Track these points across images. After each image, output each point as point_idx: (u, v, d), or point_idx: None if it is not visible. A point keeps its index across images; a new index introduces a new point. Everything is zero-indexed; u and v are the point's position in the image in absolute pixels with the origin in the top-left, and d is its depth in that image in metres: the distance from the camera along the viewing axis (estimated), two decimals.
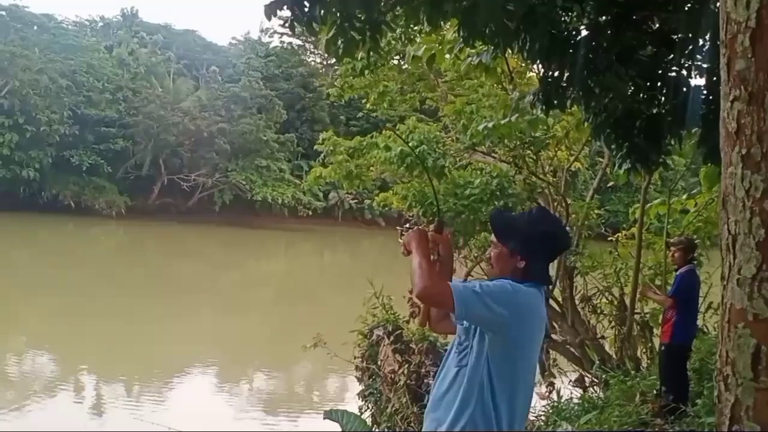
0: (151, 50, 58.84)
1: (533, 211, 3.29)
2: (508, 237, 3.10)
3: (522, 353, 2.99)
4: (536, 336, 3.06)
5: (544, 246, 3.11)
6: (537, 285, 3.06)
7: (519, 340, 2.94)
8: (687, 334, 7.74)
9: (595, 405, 8.16)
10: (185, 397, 14.27)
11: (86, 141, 51.35)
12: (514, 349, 2.93)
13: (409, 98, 12.95)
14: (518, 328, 2.92)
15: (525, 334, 2.97)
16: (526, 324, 2.97)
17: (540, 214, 3.28)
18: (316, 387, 16.30)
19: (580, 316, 11.03)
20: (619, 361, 10.27)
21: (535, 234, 3.07)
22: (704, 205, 10.75)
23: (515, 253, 3.05)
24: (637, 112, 5.30)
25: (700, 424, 6.24)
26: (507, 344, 2.91)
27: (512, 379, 2.95)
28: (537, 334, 3.06)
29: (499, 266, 3.11)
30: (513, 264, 3.05)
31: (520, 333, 2.94)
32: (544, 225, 3.15)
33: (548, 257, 3.22)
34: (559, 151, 11.26)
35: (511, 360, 2.94)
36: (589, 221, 11.20)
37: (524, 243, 3.05)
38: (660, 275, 10.39)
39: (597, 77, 5.19)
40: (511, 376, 2.95)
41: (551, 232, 3.17)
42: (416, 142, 10.49)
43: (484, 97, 10.35)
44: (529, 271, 3.04)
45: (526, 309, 2.96)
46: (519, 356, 2.97)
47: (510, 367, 2.94)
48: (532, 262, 3.05)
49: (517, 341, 2.94)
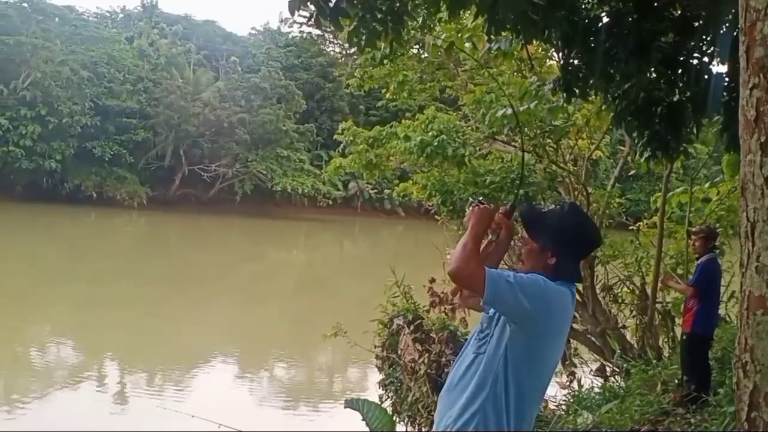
0: (171, 41, 59.11)
1: (565, 207, 3.24)
2: (540, 233, 3.05)
3: (542, 349, 2.96)
4: (559, 335, 3.03)
5: (576, 243, 3.08)
6: (567, 284, 3.03)
7: (541, 336, 2.92)
8: (709, 323, 7.68)
9: (616, 394, 8.14)
10: (207, 385, 14.35)
11: (108, 132, 51.74)
12: (535, 343, 2.91)
13: (429, 87, 12.91)
14: (543, 324, 2.89)
15: (549, 331, 2.95)
16: (552, 321, 2.94)
17: (572, 210, 3.21)
18: (337, 376, 16.35)
19: (601, 305, 10.99)
20: (641, 350, 10.23)
21: (567, 231, 3.03)
22: (727, 193, 10.66)
23: (546, 249, 3.01)
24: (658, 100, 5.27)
25: (722, 413, 6.20)
26: (528, 338, 2.89)
27: (528, 373, 2.93)
28: (561, 333, 3.04)
29: (530, 262, 3.07)
30: (543, 261, 3.01)
31: (544, 329, 2.91)
32: (576, 222, 3.11)
33: (579, 255, 3.21)
34: (579, 140, 11.19)
35: (529, 354, 2.91)
36: (611, 210, 11.14)
37: (556, 240, 3.01)
38: (682, 264, 10.33)
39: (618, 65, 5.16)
40: (528, 370, 2.92)
41: (583, 229, 3.14)
42: (436, 131, 10.47)
43: (504, 85, 10.30)
44: (560, 269, 3.00)
45: (554, 306, 2.93)
46: (538, 352, 2.95)
47: (528, 360, 2.92)
48: (562, 260, 3.00)
49: (539, 337, 2.91)
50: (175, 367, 15.20)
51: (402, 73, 12.17)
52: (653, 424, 6.79)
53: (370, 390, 10.83)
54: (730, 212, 10.76)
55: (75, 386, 13.46)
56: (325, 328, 9.90)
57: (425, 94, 13.15)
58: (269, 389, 15.04)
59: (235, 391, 14.15)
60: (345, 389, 14.77)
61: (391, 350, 9.06)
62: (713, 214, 10.69)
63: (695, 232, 7.90)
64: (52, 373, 14.58)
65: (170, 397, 13.03)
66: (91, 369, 14.93)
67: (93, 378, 14.25)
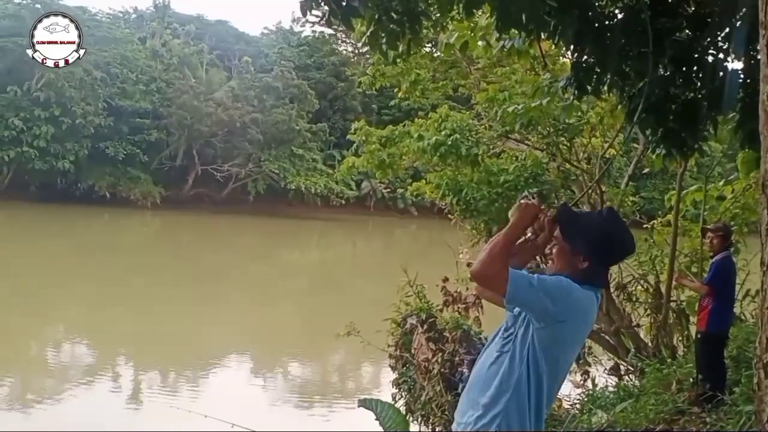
0: (183, 41, 59.26)
1: (603, 213, 3.23)
2: (574, 235, 3.03)
3: (564, 350, 2.98)
4: (580, 337, 3.07)
5: (609, 250, 3.07)
6: (594, 288, 3.02)
7: (564, 338, 2.94)
8: (724, 321, 7.64)
9: (631, 393, 8.10)
10: (221, 384, 14.39)
11: (121, 132, 51.97)
12: (557, 345, 2.93)
13: (442, 86, 12.87)
14: (566, 326, 2.90)
15: (571, 333, 2.97)
16: (575, 324, 2.95)
17: (610, 216, 3.17)
18: (351, 375, 16.35)
19: (615, 304, 10.93)
20: (655, 349, 10.17)
21: (603, 237, 3.02)
22: (741, 191, 10.58)
23: (578, 252, 3.00)
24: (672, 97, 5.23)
25: (737, 412, 6.16)
26: (551, 339, 2.90)
27: (548, 374, 2.94)
28: (581, 336, 3.08)
29: (560, 263, 3.06)
30: (574, 263, 3.00)
31: (567, 331, 2.93)
32: (612, 229, 3.08)
33: (611, 262, 3.20)
34: (593, 138, 11.14)
35: (551, 355, 2.92)
36: (624, 208, 11.08)
37: (590, 244, 2.99)
38: (696, 262, 10.26)
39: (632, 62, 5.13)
40: (548, 370, 2.93)
41: (619, 237, 3.10)
42: (449, 130, 10.45)
43: (517, 83, 10.26)
44: (590, 274, 2.99)
45: (578, 309, 2.94)
46: (560, 353, 2.96)
47: (549, 361, 2.93)
48: (593, 265, 2.99)
49: (562, 339, 2.93)
50: (189, 366, 15.25)
51: (415, 71, 12.14)
52: (668, 423, 6.76)
53: (383, 389, 10.83)
54: (745, 210, 10.69)
55: (89, 386, 13.51)
56: (338, 327, 9.89)
57: (438, 92, 13.12)
58: (283, 388, 15.06)
59: (249, 390, 14.17)
60: (358, 388, 14.77)
61: (405, 349, 9.05)
62: (728, 212, 10.61)
63: (713, 230, 7.84)
64: (66, 372, 14.66)
65: (184, 396, 13.08)
66: (105, 368, 14.98)
67: (107, 378, 14.30)
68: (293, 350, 17.58)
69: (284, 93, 57.27)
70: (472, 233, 10.95)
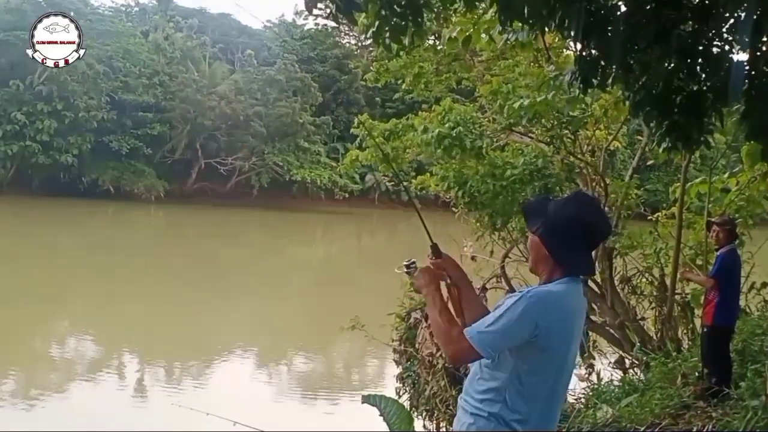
0: (186, 35, 59.15)
1: (569, 195, 3.11)
2: (535, 222, 2.93)
3: (552, 355, 2.85)
4: (570, 336, 2.91)
5: (580, 234, 2.87)
6: (571, 278, 2.88)
7: (549, 345, 2.81)
8: (730, 315, 7.61)
9: (636, 387, 8.08)
10: (225, 379, 14.41)
11: (124, 126, 52.00)
12: (543, 352, 2.81)
13: (445, 79, 12.81)
14: (547, 334, 2.77)
15: (555, 337, 2.83)
16: (555, 329, 2.81)
17: (573, 197, 3.08)
18: (355, 369, 16.36)
19: (619, 297, 10.90)
20: (660, 342, 10.14)
21: (560, 218, 2.87)
22: (746, 183, 10.53)
23: (549, 243, 2.87)
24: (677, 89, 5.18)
25: (744, 407, 6.13)
26: (536, 350, 2.79)
27: (542, 378, 2.85)
28: (570, 334, 2.91)
29: (532, 255, 2.98)
30: (543, 253, 2.89)
31: (551, 338, 2.80)
32: (579, 212, 2.89)
33: (583, 245, 2.93)
34: (597, 131, 11.09)
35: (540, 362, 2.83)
36: (629, 201, 11.04)
37: (548, 228, 2.88)
38: (701, 255, 10.23)
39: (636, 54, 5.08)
40: (541, 375, 2.84)
41: (588, 219, 2.90)
42: (453, 123, 10.40)
43: (521, 76, 10.21)
44: (566, 263, 2.86)
45: (555, 314, 2.81)
46: (548, 359, 2.84)
47: (538, 368, 2.83)
48: (568, 253, 2.85)
49: (547, 346, 2.81)
50: (194, 361, 15.27)
51: (418, 64, 12.10)
52: (674, 418, 6.73)
53: (387, 383, 10.82)
54: (750, 202, 10.64)
55: (93, 381, 13.54)
56: (343, 321, 9.89)
57: (441, 85, 13.05)
58: (287, 383, 15.08)
59: (253, 385, 14.20)
60: (363, 382, 14.79)
61: (409, 344, 9.04)
62: (732, 204, 10.56)
63: (719, 224, 7.78)
64: (71, 367, 14.68)
65: (189, 391, 13.10)
66: (109, 364, 15.02)
67: (111, 373, 14.33)
68: (298, 344, 17.58)
69: (287, 86, 57.21)
70: (476, 226, 10.91)
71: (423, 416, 8.38)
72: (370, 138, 11.87)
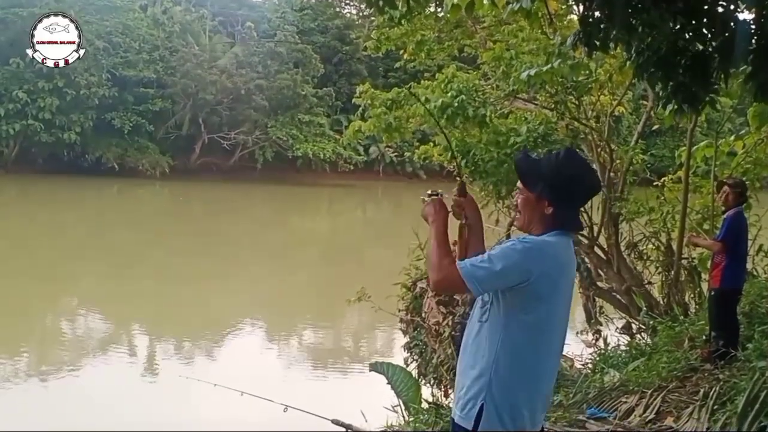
0: (185, 8, 58.56)
1: (560, 154, 3.10)
2: (534, 181, 2.98)
3: (547, 307, 2.90)
4: (562, 288, 2.96)
5: (573, 192, 3.00)
6: (564, 233, 2.98)
7: (542, 295, 2.86)
8: (737, 278, 7.59)
9: (643, 351, 8.10)
10: (234, 352, 14.48)
11: (126, 102, 51.74)
12: (537, 303, 2.86)
13: (447, 47, 12.71)
14: (540, 283, 2.83)
15: (549, 287, 2.88)
16: (549, 278, 2.87)
17: (567, 155, 3.09)
18: (363, 340, 16.43)
19: (626, 262, 10.90)
20: (667, 307, 10.16)
21: (563, 178, 2.95)
22: (753, 145, 10.49)
23: (542, 199, 2.95)
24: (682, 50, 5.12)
25: (751, 368, 6.14)
26: (529, 300, 2.85)
27: (536, 334, 2.90)
28: (563, 286, 2.97)
29: (526, 213, 3.02)
30: (540, 210, 2.96)
31: (543, 288, 2.85)
32: (571, 168, 3.01)
33: (577, 202, 3.14)
34: (602, 96, 11.01)
35: (533, 315, 2.87)
36: (634, 166, 10.99)
37: (551, 188, 2.94)
38: (708, 219, 10.21)
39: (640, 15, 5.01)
40: (535, 330, 2.89)
41: (579, 175, 3.03)
42: (456, 91, 10.32)
43: (524, 42, 10.12)
44: (557, 219, 2.95)
45: (548, 263, 2.87)
46: (544, 310, 2.89)
47: (533, 322, 2.88)
48: (560, 209, 2.94)
49: (540, 296, 2.86)
50: (203, 336, 15.35)
51: (420, 32, 11.99)
52: (681, 380, 6.76)
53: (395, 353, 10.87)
54: (757, 165, 10.61)
55: (103, 357, 13.62)
56: (350, 293, 9.92)
57: (444, 53, 12.95)
58: (296, 355, 15.16)
59: (263, 357, 14.28)
60: (371, 352, 14.83)
61: (416, 313, 9.07)
62: (739, 167, 10.52)
63: (732, 185, 7.71)
64: (80, 344, 14.77)
65: (199, 364, 13.19)
66: (120, 340, 15.11)
67: (122, 349, 14.41)
68: (306, 317, 17.65)
69: (288, 58, 56.86)
70: (480, 195, 10.88)
71: (431, 384, 8.43)
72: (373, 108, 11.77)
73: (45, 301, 17.91)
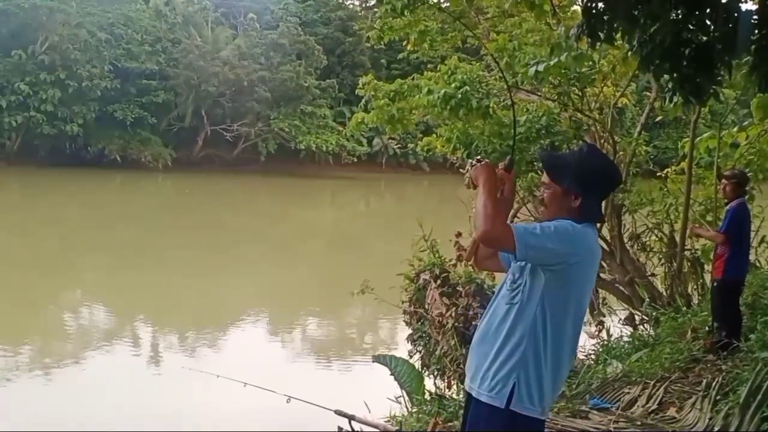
0: None
1: (584, 149, 3.26)
2: (562, 176, 3.07)
3: (576, 292, 3.01)
4: (591, 276, 3.10)
5: (598, 183, 3.11)
6: (592, 224, 3.08)
7: (576, 280, 2.98)
8: (740, 269, 7.60)
9: (646, 342, 8.12)
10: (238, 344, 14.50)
11: (128, 94, 51.69)
12: (569, 287, 2.96)
13: (450, 38, 12.68)
14: (576, 267, 2.95)
15: (582, 274, 3.01)
16: (583, 264, 3.00)
17: (591, 150, 3.25)
18: (367, 332, 16.43)
19: (629, 254, 10.91)
20: (670, 298, 10.17)
21: (589, 171, 3.06)
22: (756, 137, 10.47)
23: (569, 191, 3.04)
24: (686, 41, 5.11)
25: (753, 359, 6.14)
26: (563, 283, 2.94)
27: (565, 318, 2.98)
28: (592, 275, 3.11)
29: (554, 207, 3.10)
30: (567, 204, 3.05)
31: (578, 273, 2.97)
32: (596, 161, 3.15)
33: (602, 194, 3.24)
34: (605, 87, 11.00)
35: (565, 299, 2.97)
36: (637, 158, 10.99)
37: (578, 181, 3.03)
38: (711, 210, 10.20)
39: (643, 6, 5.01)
40: (565, 314, 2.98)
41: (603, 168, 3.17)
42: (459, 82, 10.30)
43: (528, 33, 10.10)
44: (584, 210, 3.04)
45: (585, 249, 2.99)
46: (573, 295, 3.00)
47: (564, 305, 2.97)
48: (586, 200, 3.03)
49: (574, 280, 2.97)
50: (206, 328, 15.35)
51: (422, 23, 11.95)
52: (683, 371, 6.77)
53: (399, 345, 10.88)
54: (760, 156, 10.59)
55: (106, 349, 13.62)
56: (353, 285, 9.90)
57: (446, 44, 12.92)
58: (299, 347, 15.19)
59: (266, 349, 14.29)
60: (375, 344, 14.86)
61: (419, 305, 9.06)
62: (742, 159, 10.51)
63: (729, 177, 7.73)
64: (84, 336, 14.78)
65: (203, 356, 13.19)
66: (124, 332, 15.12)
67: (124, 340, 14.43)
68: (309, 309, 17.65)
69: (291, 50, 56.79)
70: None
71: (435, 375, 8.43)
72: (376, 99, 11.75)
73: (48, 293, 17.94)
